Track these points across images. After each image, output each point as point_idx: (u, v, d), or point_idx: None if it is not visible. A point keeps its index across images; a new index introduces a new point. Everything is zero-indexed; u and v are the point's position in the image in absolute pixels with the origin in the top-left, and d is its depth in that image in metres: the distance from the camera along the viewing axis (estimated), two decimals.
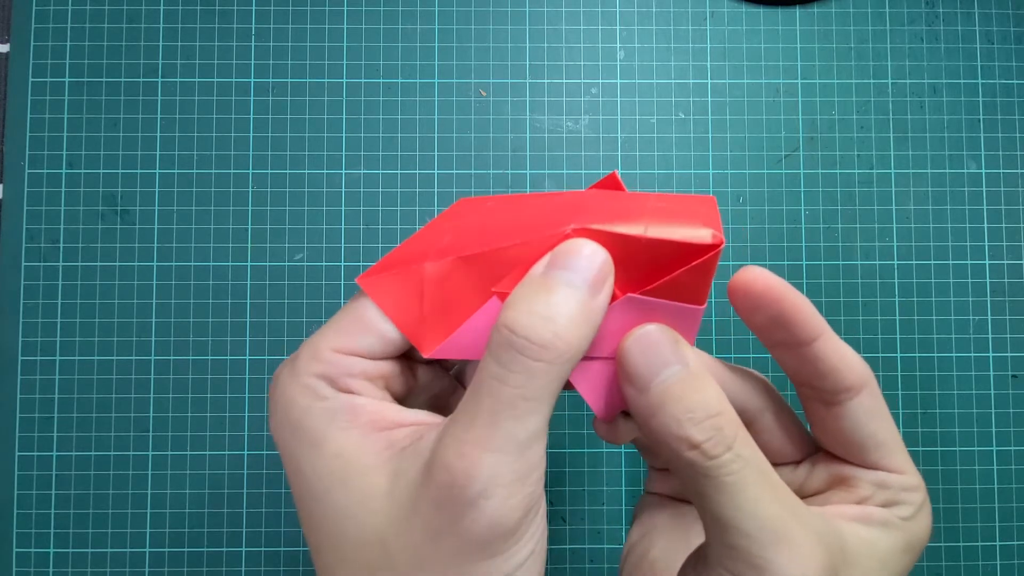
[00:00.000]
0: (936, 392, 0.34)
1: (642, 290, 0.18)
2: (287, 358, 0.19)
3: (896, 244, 0.35)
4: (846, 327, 0.34)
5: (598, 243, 0.18)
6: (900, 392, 0.34)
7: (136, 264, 0.34)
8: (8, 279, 0.34)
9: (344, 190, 0.35)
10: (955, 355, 0.34)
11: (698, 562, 0.19)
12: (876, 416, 0.19)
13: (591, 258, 0.18)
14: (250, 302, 0.34)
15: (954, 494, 0.34)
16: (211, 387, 0.34)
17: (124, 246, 0.34)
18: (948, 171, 0.35)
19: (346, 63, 0.35)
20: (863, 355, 0.21)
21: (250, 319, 0.34)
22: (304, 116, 0.35)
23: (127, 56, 0.35)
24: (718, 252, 0.17)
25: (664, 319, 0.19)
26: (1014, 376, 0.34)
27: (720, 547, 0.17)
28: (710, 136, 0.35)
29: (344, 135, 0.35)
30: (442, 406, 0.23)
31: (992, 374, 0.34)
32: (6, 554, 0.33)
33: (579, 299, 0.17)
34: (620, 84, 0.35)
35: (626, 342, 0.18)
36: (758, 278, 0.19)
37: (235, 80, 0.35)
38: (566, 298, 0.17)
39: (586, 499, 0.34)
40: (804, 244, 0.35)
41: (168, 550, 0.33)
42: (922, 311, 0.35)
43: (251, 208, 0.34)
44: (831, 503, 0.20)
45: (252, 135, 0.35)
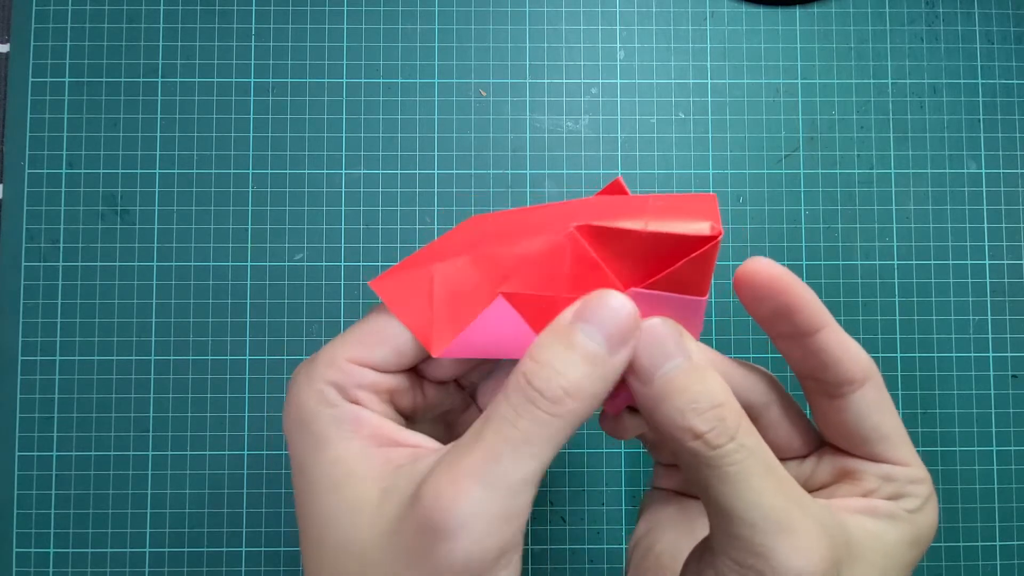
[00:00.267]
0: (936, 392, 0.34)
1: (645, 284, 0.19)
2: (307, 358, 0.20)
3: (896, 244, 0.35)
4: (846, 327, 0.34)
5: (602, 235, 0.18)
6: (900, 392, 0.34)
7: (136, 264, 0.34)
8: (8, 279, 0.34)
9: (344, 190, 0.35)
10: (955, 355, 0.34)
11: (703, 553, 0.19)
12: (880, 409, 0.19)
13: (617, 312, 0.18)
14: (250, 302, 0.34)
15: (954, 494, 0.34)
16: (211, 387, 0.34)
17: (124, 246, 0.34)
18: (948, 171, 0.35)
19: (346, 63, 0.35)
20: None
21: (250, 319, 0.34)
22: (304, 116, 0.35)
23: (127, 56, 0.35)
24: (717, 243, 0.18)
25: (668, 311, 0.19)
26: (1014, 376, 0.34)
27: (724, 537, 0.17)
28: (710, 136, 0.35)
29: (344, 135, 0.35)
30: (452, 423, 0.23)
31: (992, 374, 0.34)
32: (6, 554, 0.33)
33: (597, 356, 0.17)
34: (620, 84, 0.35)
35: None
36: (762, 268, 0.19)
37: (235, 80, 0.35)
38: (584, 354, 0.17)
39: (586, 499, 0.34)
40: (804, 244, 0.35)
41: (168, 550, 0.33)
42: (922, 311, 0.35)
43: (251, 208, 0.34)
44: (837, 496, 0.20)
45: (252, 135, 0.35)
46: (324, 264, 0.34)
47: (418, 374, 0.21)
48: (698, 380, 0.18)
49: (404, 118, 0.35)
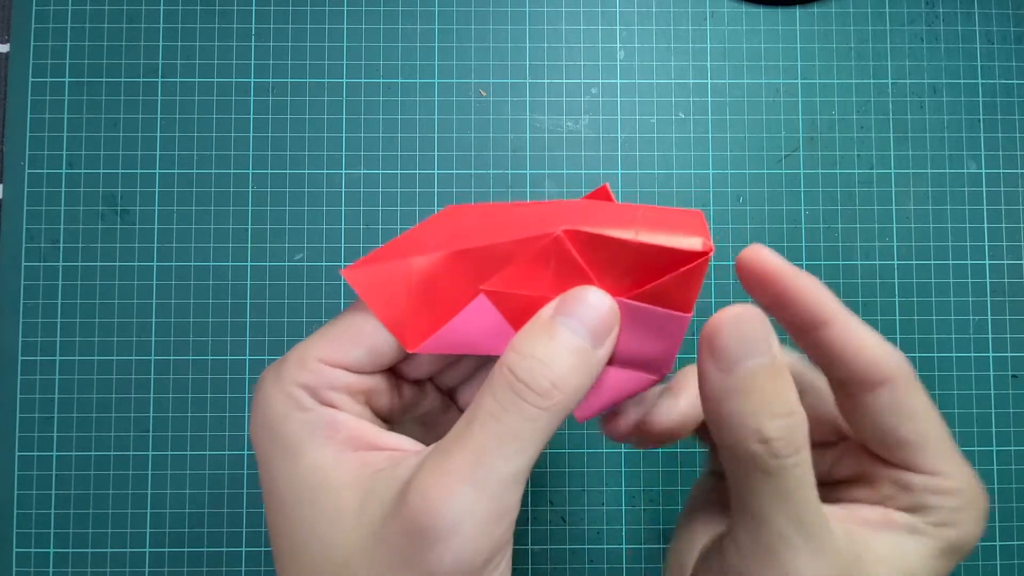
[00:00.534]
0: (936, 392, 0.34)
1: (629, 294, 0.18)
2: (275, 361, 0.19)
3: (896, 244, 0.35)
4: None
5: (590, 242, 0.18)
6: None
7: (136, 264, 0.34)
8: (8, 279, 0.34)
9: (344, 190, 0.35)
10: (955, 355, 0.34)
11: (721, 552, 0.18)
12: (899, 413, 0.18)
13: (597, 306, 0.18)
14: (250, 302, 0.34)
15: None
16: (211, 387, 0.34)
17: (124, 246, 0.34)
18: (948, 171, 0.35)
19: (346, 63, 0.35)
20: None
21: (250, 319, 0.34)
22: (304, 116, 0.35)
23: (127, 56, 0.35)
24: (707, 260, 0.17)
25: (650, 325, 0.18)
26: (1014, 376, 0.34)
27: (750, 541, 0.17)
28: (710, 136, 0.35)
29: (344, 135, 0.35)
30: (431, 424, 0.23)
31: (992, 374, 0.34)
32: (6, 554, 0.33)
33: (581, 350, 0.17)
34: (620, 84, 0.35)
35: (722, 317, 0.17)
36: (760, 257, 0.19)
37: (235, 80, 0.35)
38: (568, 348, 0.17)
39: (586, 499, 0.34)
40: (804, 244, 0.35)
41: (168, 550, 0.33)
42: (922, 311, 0.35)
43: (251, 208, 0.34)
44: (854, 498, 0.19)
45: (252, 135, 0.35)
46: (324, 264, 0.34)
47: (394, 373, 0.20)
48: (781, 384, 0.17)
49: (404, 118, 0.35)
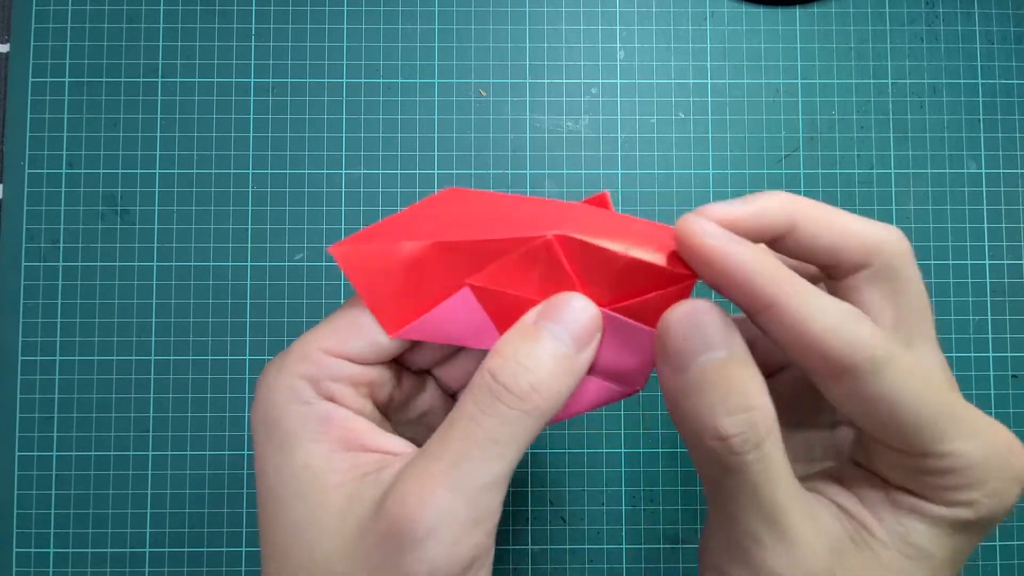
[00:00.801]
0: None
1: (612, 306, 0.18)
2: (280, 352, 0.19)
3: None
4: None
5: (580, 250, 0.18)
6: None
7: (136, 264, 0.34)
8: (8, 279, 0.34)
9: (344, 190, 0.35)
10: (955, 355, 0.34)
11: (704, 545, 0.18)
12: (875, 399, 0.16)
13: (581, 313, 0.18)
14: (250, 302, 0.34)
15: None
16: (211, 387, 0.34)
17: (124, 246, 0.34)
18: (948, 171, 0.35)
19: (346, 63, 0.35)
20: None
21: (250, 319, 0.34)
22: (304, 116, 0.35)
23: (127, 56, 0.35)
24: (692, 283, 0.17)
25: (628, 339, 0.18)
26: (1014, 376, 0.34)
27: (722, 538, 0.17)
28: (710, 136, 0.35)
29: (344, 135, 0.35)
30: (435, 427, 0.23)
31: (992, 374, 0.34)
32: (6, 554, 0.33)
33: (563, 354, 0.17)
34: (620, 84, 0.35)
35: (670, 315, 0.17)
36: (687, 231, 0.17)
37: (235, 80, 0.35)
38: (550, 352, 0.17)
39: (586, 499, 0.34)
40: None
41: (168, 550, 0.33)
42: None
43: (251, 208, 0.34)
44: (860, 481, 0.18)
45: (252, 135, 0.35)
46: (324, 264, 0.34)
47: (396, 362, 0.20)
48: (737, 378, 0.16)
49: (404, 118, 0.35)
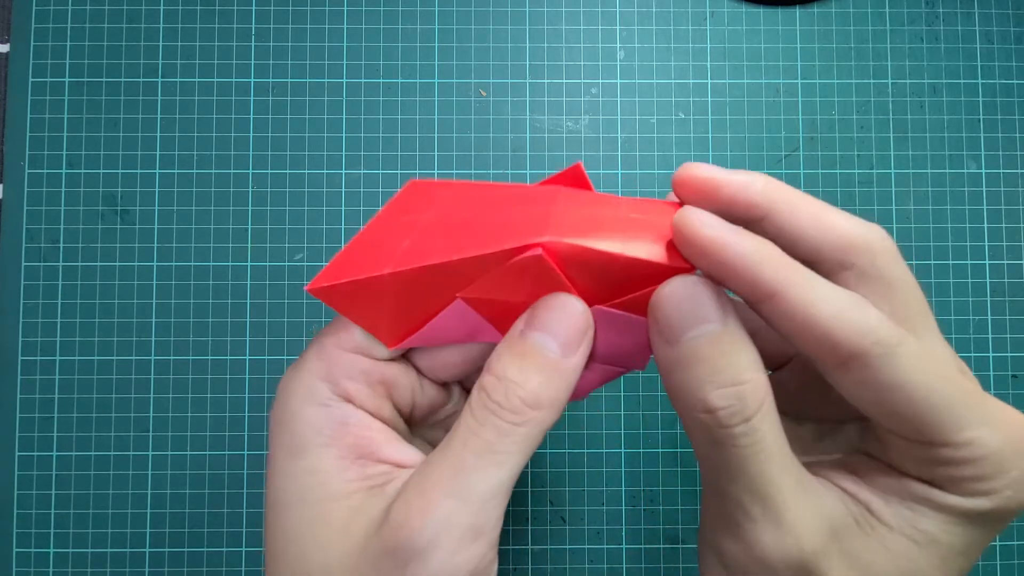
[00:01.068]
0: None
1: (610, 303, 0.18)
2: (301, 352, 0.19)
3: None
4: None
5: (572, 254, 0.17)
6: None
7: (136, 264, 0.34)
8: (8, 279, 0.34)
9: (344, 190, 0.35)
10: None
11: (701, 521, 0.18)
12: (883, 388, 0.16)
13: (568, 316, 0.18)
14: (250, 302, 0.34)
15: None
16: (211, 387, 0.34)
17: (124, 246, 0.34)
18: (948, 171, 0.35)
19: (346, 63, 0.35)
20: None
21: (250, 319, 0.34)
22: (304, 116, 0.35)
23: (127, 56, 0.35)
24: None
25: (627, 330, 0.18)
26: (1014, 376, 0.34)
27: (715, 512, 0.17)
28: (710, 136, 0.35)
29: (344, 135, 0.35)
30: None
31: (992, 374, 0.34)
32: (6, 554, 0.33)
33: (551, 364, 0.17)
34: (620, 84, 0.35)
35: (664, 289, 0.17)
36: (685, 222, 0.16)
37: (235, 80, 0.35)
38: (538, 365, 0.17)
39: (586, 499, 0.34)
40: None
41: (168, 550, 0.33)
42: None
43: (251, 208, 0.34)
44: (869, 469, 0.18)
45: (252, 135, 0.35)
46: (324, 264, 0.34)
47: (419, 372, 0.21)
48: (727, 351, 0.16)
49: (404, 118, 0.35)
